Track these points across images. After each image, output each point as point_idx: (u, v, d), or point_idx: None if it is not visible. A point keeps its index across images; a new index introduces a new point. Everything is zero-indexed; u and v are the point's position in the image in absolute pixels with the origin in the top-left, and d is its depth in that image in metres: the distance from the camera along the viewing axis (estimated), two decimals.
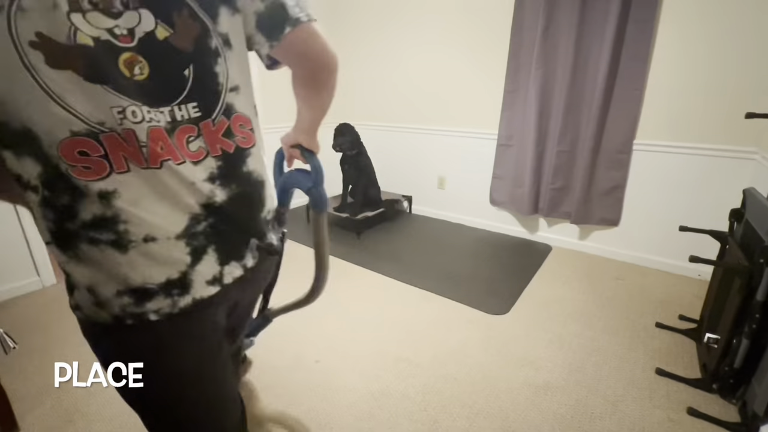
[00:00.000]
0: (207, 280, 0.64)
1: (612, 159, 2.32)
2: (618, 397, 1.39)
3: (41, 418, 1.32)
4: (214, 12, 0.58)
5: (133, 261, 0.57)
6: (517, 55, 2.49)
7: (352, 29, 3.38)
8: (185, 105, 0.58)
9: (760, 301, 1.17)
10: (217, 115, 0.62)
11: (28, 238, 2.06)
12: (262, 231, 0.75)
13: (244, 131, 0.67)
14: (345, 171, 3.01)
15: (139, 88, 0.53)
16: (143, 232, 0.57)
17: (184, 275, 0.61)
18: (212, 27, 0.59)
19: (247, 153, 0.68)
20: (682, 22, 2.00)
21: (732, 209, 1.54)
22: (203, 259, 0.63)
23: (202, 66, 0.59)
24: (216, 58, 0.60)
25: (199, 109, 0.60)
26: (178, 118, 0.58)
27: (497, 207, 2.88)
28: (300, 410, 1.34)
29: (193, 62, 0.58)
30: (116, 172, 0.53)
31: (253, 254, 0.73)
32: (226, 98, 0.63)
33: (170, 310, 0.62)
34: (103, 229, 0.55)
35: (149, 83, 0.54)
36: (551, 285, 2.17)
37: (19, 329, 1.77)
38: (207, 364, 0.71)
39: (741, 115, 1.63)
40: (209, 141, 0.62)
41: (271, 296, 1.18)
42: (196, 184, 0.60)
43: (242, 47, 0.66)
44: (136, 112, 0.53)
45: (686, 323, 1.78)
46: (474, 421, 1.30)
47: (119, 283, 0.58)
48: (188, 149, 0.59)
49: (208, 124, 0.61)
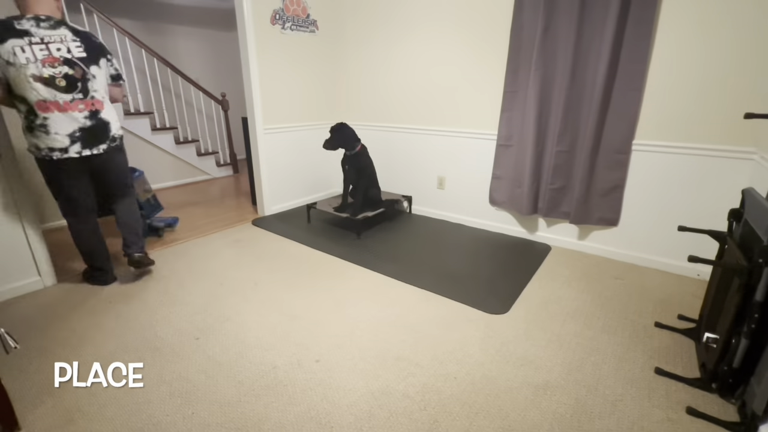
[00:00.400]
0: (76, 152, 1.87)
1: (611, 159, 2.32)
2: (617, 396, 1.40)
3: (42, 417, 1.32)
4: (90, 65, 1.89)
5: (52, 139, 1.80)
6: (517, 55, 2.49)
7: (353, 29, 3.39)
8: (75, 93, 1.84)
9: (759, 300, 1.17)
10: (86, 96, 1.88)
11: (29, 238, 2.07)
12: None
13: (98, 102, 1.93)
14: (345, 171, 3.02)
15: (61, 88, 1.79)
16: (54, 130, 1.80)
17: (66, 148, 1.84)
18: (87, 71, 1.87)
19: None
20: (682, 23, 2.01)
21: (731, 209, 1.55)
22: (74, 145, 1.86)
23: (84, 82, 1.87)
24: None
25: (82, 94, 1.85)
26: (75, 97, 1.84)
27: (497, 207, 2.89)
28: (300, 410, 1.34)
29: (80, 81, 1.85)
30: (50, 111, 1.78)
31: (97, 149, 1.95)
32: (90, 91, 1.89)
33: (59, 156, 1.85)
34: (41, 126, 1.78)
35: (64, 87, 1.80)
36: (550, 285, 2.17)
37: (19, 329, 1.77)
38: (67, 180, 1.95)
39: (740, 115, 1.63)
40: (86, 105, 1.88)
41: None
42: (78, 119, 1.84)
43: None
44: (58, 95, 1.79)
45: (685, 323, 1.79)
46: (474, 420, 1.30)
47: (45, 145, 1.81)
48: (77, 107, 1.85)
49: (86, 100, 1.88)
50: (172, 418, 1.31)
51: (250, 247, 2.71)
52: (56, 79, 1.75)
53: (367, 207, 2.99)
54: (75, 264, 2.37)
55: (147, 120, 4.15)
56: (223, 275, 2.30)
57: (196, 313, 1.91)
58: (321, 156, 3.30)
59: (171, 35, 4.95)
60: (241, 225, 3.16)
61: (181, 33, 5.03)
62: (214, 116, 4.95)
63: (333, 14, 3.41)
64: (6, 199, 1.97)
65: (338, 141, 2.88)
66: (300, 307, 1.97)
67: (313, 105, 3.49)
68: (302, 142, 3.45)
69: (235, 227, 3.11)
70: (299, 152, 3.46)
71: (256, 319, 1.87)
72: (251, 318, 1.88)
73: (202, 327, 1.80)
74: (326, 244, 2.73)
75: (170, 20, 4.91)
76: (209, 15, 5.21)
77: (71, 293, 2.11)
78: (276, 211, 3.41)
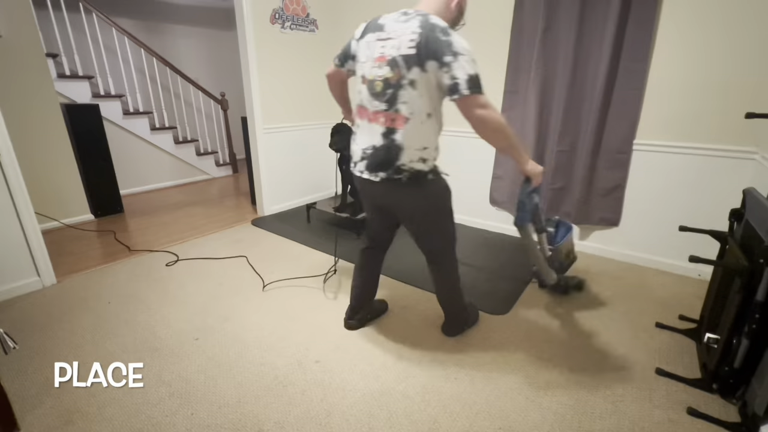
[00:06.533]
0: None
1: (612, 159, 2.32)
2: (618, 396, 1.39)
3: (41, 417, 1.32)
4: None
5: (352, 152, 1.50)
6: (517, 55, 2.49)
7: (353, 29, 3.37)
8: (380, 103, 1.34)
9: (759, 301, 1.17)
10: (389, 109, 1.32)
11: (28, 238, 2.06)
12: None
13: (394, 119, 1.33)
14: (343, 171, 3.01)
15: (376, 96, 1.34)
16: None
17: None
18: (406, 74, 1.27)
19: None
20: (682, 22, 2.01)
21: (732, 209, 1.54)
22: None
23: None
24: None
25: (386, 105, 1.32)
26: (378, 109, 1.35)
27: (497, 207, 2.89)
28: (300, 411, 1.34)
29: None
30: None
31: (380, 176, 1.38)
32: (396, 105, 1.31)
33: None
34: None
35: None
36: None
37: (19, 329, 1.77)
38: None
39: (741, 115, 1.63)
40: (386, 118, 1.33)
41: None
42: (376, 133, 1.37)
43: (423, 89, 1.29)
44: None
45: (686, 323, 1.79)
46: (474, 420, 1.30)
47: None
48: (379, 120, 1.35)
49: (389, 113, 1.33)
50: (171, 419, 1.31)
51: (249, 247, 2.70)
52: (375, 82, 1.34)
53: None
54: (74, 263, 2.37)
55: (146, 120, 4.15)
56: (222, 275, 2.30)
57: (195, 314, 1.90)
58: (321, 156, 3.29)
59: (170, 35, 4.94)
60: (241, 225, 3.16)
61: (180, 32, 5.02)
62: (214, 116, 4.95)
63: (333, 14, 3.41)
64: (5, 199, 1.96)
65: (342, 142, 2.87)
66: (300, 307, 1.97)
67: (313, 105, 3.48)
68: (302, 141, 3.44)
69: (234, 227, 3.11)
70: (299, 152, 3.46)
71: (256, 320, 1.86)
72: (251, 318, 1.87)
73: (201, 327, 1.80)
74: (326, 244, 2.72)
75: (170, 20, 4.90)
76: (209, 14, 5.20)
77: (71, 293, 2.11)
78: (275, 211, 3.41)
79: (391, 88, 1.29)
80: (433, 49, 1.21)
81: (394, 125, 1.31)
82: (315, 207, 3.13)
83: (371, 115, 1.36)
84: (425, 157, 1.35)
